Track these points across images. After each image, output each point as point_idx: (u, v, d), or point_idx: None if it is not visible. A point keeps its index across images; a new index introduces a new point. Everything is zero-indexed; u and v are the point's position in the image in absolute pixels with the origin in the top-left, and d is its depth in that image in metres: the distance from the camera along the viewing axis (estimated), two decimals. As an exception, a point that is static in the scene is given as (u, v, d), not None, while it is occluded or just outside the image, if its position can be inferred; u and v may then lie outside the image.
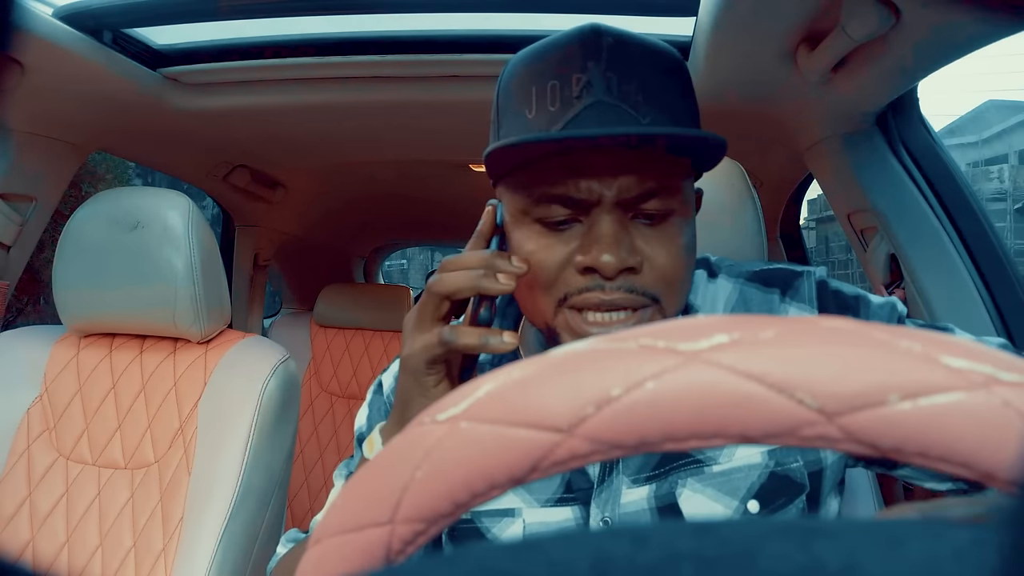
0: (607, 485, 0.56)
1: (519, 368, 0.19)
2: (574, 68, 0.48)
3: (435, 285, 0.48)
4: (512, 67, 0.53)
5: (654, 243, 0.49)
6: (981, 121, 17.77)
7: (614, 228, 0.48)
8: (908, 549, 0.13)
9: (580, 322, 0.50)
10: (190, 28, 1.15)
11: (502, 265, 0.47)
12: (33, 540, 1.00)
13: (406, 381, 0.51)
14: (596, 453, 0.18)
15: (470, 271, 0.47)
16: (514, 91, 0.52)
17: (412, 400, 0.50)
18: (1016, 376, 0.16)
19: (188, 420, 1.04)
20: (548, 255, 0.50)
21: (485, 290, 0.47)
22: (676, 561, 0.13)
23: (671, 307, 0.51)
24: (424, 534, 0.20)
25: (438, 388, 0.50)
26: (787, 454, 0.55)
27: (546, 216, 0.50)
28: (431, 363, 0.49)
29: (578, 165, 0.48)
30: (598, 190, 0.48)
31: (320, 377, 2.06)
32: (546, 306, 0.51)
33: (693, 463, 0.55)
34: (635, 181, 0.48)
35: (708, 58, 1.02)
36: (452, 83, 1.22)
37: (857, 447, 0.17)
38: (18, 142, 1.15)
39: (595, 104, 0.47)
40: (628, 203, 0.49)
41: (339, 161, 1.74)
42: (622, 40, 0.50)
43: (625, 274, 0.48)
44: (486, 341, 0.46)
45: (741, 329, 0.18)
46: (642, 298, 0.49)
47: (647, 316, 0.50)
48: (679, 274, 0.50)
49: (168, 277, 1.02)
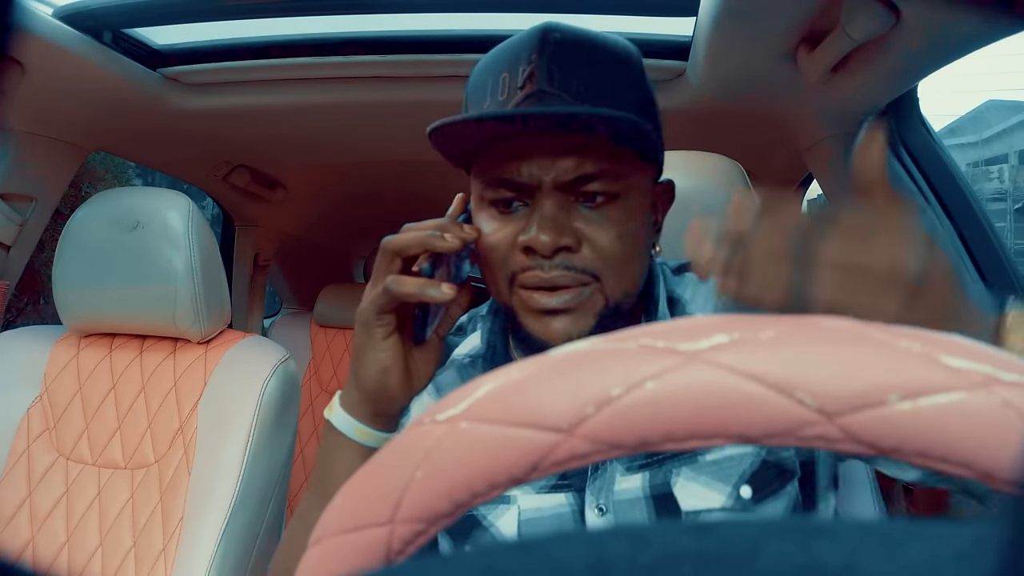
0: (601, 472, 0.56)
1: (519, 368, 0.19)
2: (521, 61, 0.52)
3: (387, 242, 0.53)
4: (476, 66, 0.58)
5: (594, 224, 0.52)
6: (981, 121, 17.77)
7: (552, 210, 0.51)
8: (908, 549, 0.13)
9: (530, 298, 0.53)
10: (190, 28, 1.15)
11: (451, 228, 0.52)
12: (33, 540, 1.00)
13: (358, 335, 0.55)
14: (596, 453, 0.18)
15: (421, 231, 0.52)
16: (475, 84, 0.56)
17: (364, 353, 0.55)
18: (1016, 376, 0.16)
19: (188, 420, 1.04)
20: (499, 236, 0.53)
21: (431, 246, 0.52)
22: (676, 561, 0.13)
23: (613, 286, 0.53)
24: (424, 534, 0.20)
25: (387, 341, 0.54)
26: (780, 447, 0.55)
27: (496, 198, 0.54)
28: (379, 313, 0.53)
29: (520, 151, 0.51)
30: (538, 174, 0.51)
31: (320, 377, 2.06)
32: (501, 285, 0.54)
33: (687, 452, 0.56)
34: (573, 164, 0.51)
35: (708, 58, 1.02)
36: (452, 83, 1.22)
37: (857, 447, 0.17)
38: (18, 142, 1.15)
39: (536, 93, 0.50)
40: (568, 186, 0.51)
41: (339, 161, 1.74)
42: (570, 36, 0.52)
43: (563, 253, 0.51)
44: (424, 290, 0.51)
45: (741, 329, 0.18)
46: (581, 275, 0.52)
47: (587, 294, 0.52)
48: (617, 254, 0.52)
49: (168, 277, 1.02)
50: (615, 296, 0.53)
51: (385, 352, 0.54)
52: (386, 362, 0.54)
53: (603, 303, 0.53)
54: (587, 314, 0.53)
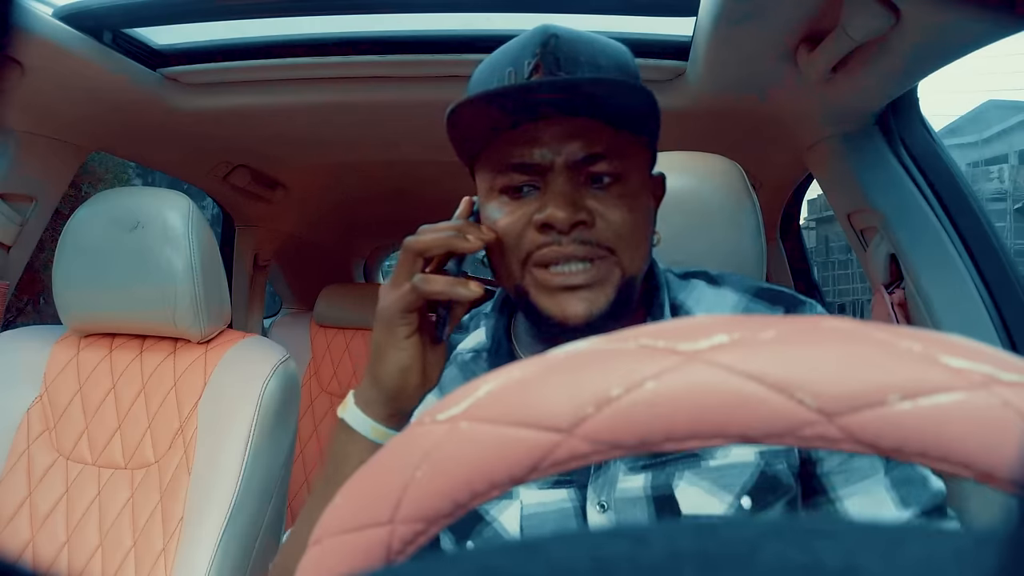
0: (604, 470, 0.57)
1: (519, 368, 0.19)
2: (526, 55, 0.54)
3: (410, 243, 0.54)
4: (479, 66, 0.59)
5: (606, 202, 0.54)
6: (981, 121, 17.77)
7: (566, 187, 0.53)
8: (908, 549, 0.13)
9: (546, 276, 0.54)
10: (190, 28, 1.15)
11: (472, 229, 0.54)
12: (33, 540, 1.00)
13: (379, 334, 0.55)
14: (596, 453, 0.18)
15: (443, 232, 0.53)
16: (478, 82, 0.58)
17: (385, 352, 0.55)
18: (1016, 376, 0.16)
19: (188, 420, 1.04)
20: (512, 219, 0.55)
21: (454, 247, 0.53)
22: (677, 561, 0.13)
23: (628, 260, 0.54)
24: (424, 534, 0.20)
25: (409, 340, 0.54)
26: (775, 456, 0.57)
27: (508, 183, 0.55)
28: (404, 311, 0.53)
29: (532, 136, 0.53)
30: (550, 156, 0.53)
31: (320, 377, 2.06)
32: (515, 266, 0.55)
33: (690, 455, 0.57)
34: (582, 145, 0.53)
35: (708, 58, 1.02)
36: (452, 83, 1.22)
37: (857, 447, 0.17)
38: (18, 142, 1.15)
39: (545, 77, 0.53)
40: (578, 165, 0.53)
41: (339, 161, 1.74)
42: (571, 36, 0.55)
43: (579, 228, 0.53)
44: (453, 288, 0.52)
45: (741, 329, 0.18)
46: (597, 249, 0.53)
47: (605, 267, 0.54)
48: (631, 228, 0.54)
49: (168, 277, 1.02)
50: (631, 270, 0.54)
51: (407, 351, 0.54)
52: (407, 361, 0.54)
53: (620, 276, 0.54)
54: (605, 288, 0.53)
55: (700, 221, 0.83)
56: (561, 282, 0.53)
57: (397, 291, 0.53)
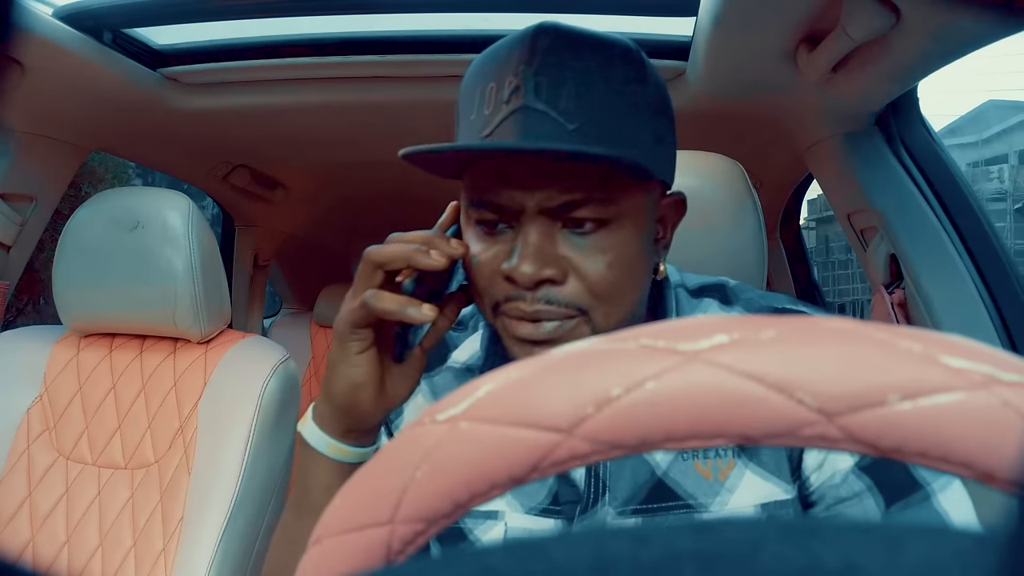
0: (592, 512, 0.54)
1: (519, 368, 0.19)
2: (509, 71, 0.48)
3: (370, 253, 0.49)
4: (469, 68, 0.54)
5: (583, 253, 0.48)
6: (981, 121, 17.77)
7: (536, 238, 0.47)
8: (908, 550, 0.13)
9: (513, 326, 0.50)
10: (190, 28, 1.15)
11: (439, 243, 0.48)
12: (33, 540, 1.00)
13: (334, 347, 0.52)
14: (596, 453, 0.18)
15: (407, 244, 0.48)
16: (466, 93, 0.53)
17: (336, 367, 0.51)
18: (1016, 376, 0.16)
19: (188, 420, 1.04)
20: (485, 258, 0.50)
21: (416, 263, 0.48)
22: (677, 561, 0.13)
23: (602, 318, 0.49)
24: (424, 534, 0.20)
25: (361, 356, 0.50)
26: (777, 508, 0.53)
27: (481, 218, 0.50)
28: (354, 327, 0.49)
29: (505, 172, 0.47)
30: (520, 198, 0.47)
31: (320, 377, 2.06)
32: (486, 309, 0.51)
33: (684, 507, 0.53)
34: (558, 191, 0.47)
35: (708, 58, 1.02)
36: (452, 83, 1.21)
37: (857, 447, 0.17)
38: (18, 142, 1.15)
39: (521, 109, 0.46)
40: (553, 212, 0.47)
41: (339, 161, 1.74)
42: (561, 41, 0.48)
43: (546, 285, 0.48)
44: (403, 309, 0.47)
45: (741, 329, 0.18)
46: (564, 309, 0.48)
47: (571, 326, 0.49)
48: (607, 285, 0.48)
49: (168, 277, 1.02)
50: (606, 325, 0.49)
51: (358, 368, 0.50)
52: (358, 378, 0.50)
53: (591, 334, 0.49)
54: None
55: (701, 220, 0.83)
56: (527, 335, 0.49)
57: (349, 304, 0.50)
